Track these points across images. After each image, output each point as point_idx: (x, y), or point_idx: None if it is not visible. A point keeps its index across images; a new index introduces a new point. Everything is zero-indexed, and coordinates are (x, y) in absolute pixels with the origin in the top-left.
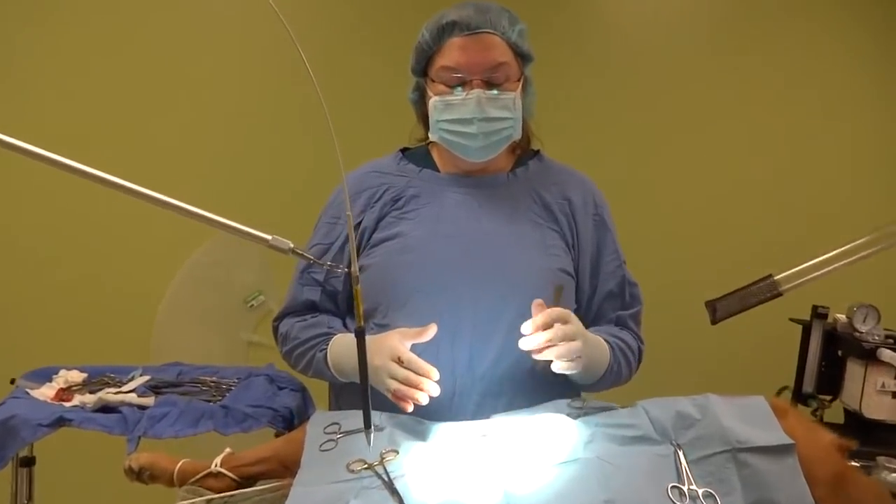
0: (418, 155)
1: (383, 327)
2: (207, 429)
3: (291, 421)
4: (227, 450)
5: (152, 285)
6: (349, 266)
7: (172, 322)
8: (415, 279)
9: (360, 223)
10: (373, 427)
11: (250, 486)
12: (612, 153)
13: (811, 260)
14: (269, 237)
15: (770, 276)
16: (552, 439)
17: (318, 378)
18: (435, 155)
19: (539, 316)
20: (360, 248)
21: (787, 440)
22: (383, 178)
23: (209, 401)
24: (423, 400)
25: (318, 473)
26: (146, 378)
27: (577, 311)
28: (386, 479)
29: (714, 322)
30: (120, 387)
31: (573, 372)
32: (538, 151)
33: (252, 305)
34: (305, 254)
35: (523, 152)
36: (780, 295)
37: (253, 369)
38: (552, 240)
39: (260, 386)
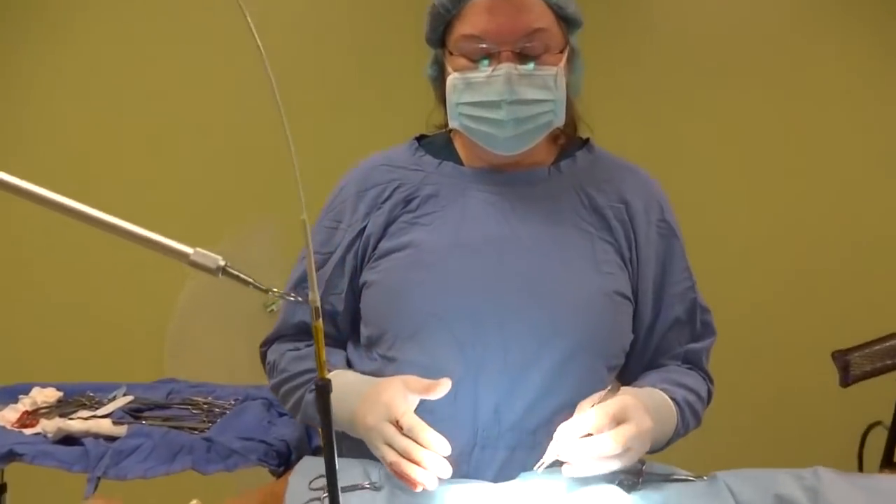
0: (437, 145)
1: (390, 360)
2: (184, 466)
3: (288, 457)
4: (194, 502)
5: (160, 293)
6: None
7: (186, 330)
8: (429, 301)
9: (363, 228)
10: (369, 484)
11: None
12: (679, 145)
13: None
14: (190, 251)
15: None
16: None
17: (308, 423)
18: (458, 144)
19: (591, 417)
20: (365, 260)
21: None
22: (394, 173)
23: (195, 429)
24: (430, 484)
25: None
26: (129, 399)
27: (633, 343)
28: None
29: (846, 384)
30: (96, 409)
31: None
32: (587, 140)
33: (272, 310)
34: (241, 275)
35: (568, 141)
36: None
37: (251, 390)
38: (604, 253)
39: (255, 412)
